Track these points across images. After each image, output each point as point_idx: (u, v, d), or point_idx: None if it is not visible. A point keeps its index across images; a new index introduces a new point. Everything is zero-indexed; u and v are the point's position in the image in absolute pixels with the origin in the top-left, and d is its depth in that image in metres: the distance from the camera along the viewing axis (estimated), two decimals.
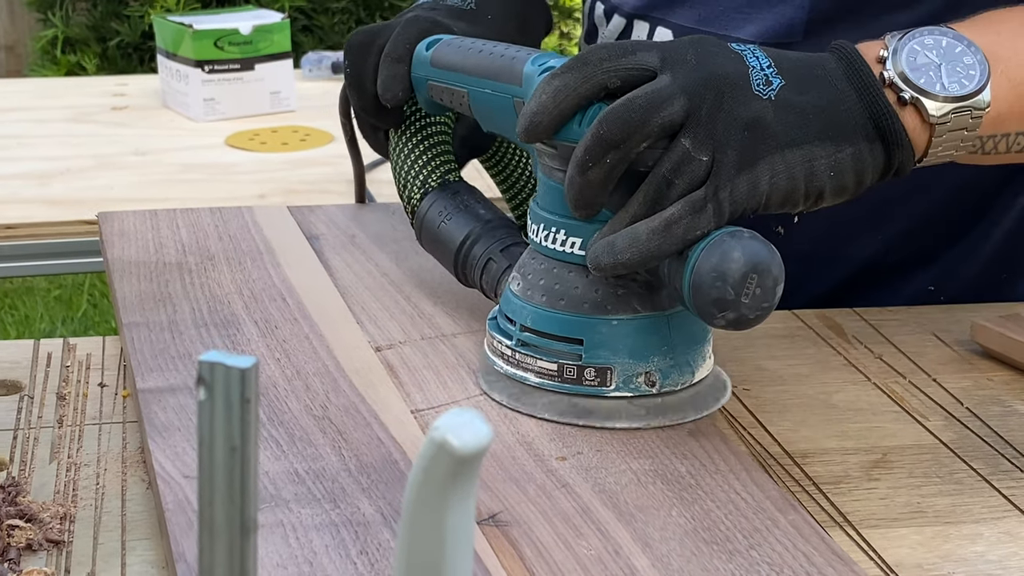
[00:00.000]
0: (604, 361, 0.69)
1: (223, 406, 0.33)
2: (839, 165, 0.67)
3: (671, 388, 0.70)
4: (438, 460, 0.32)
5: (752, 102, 0.66)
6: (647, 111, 0.65)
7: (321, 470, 0.64)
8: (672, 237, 0.65)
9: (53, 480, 0.67)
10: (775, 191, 0.66)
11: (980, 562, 0.62)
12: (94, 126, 1.72)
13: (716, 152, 0.65)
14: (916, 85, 0.68)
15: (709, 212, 0.65)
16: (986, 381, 0.81)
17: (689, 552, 0.58)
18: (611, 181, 0.66)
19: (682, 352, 0.70)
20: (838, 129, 0.67)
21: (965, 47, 0.69)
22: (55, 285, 3.20)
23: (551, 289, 0.70)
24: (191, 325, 0.79)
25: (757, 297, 0.64)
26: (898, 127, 0.67)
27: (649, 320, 0.69)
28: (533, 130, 0.67)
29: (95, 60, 3.44)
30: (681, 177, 0.65)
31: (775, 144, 0.66)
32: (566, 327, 0.70)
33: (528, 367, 0.71)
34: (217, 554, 0.34)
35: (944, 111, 0.68)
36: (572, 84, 0.66)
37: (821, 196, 0.68)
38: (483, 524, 0.60)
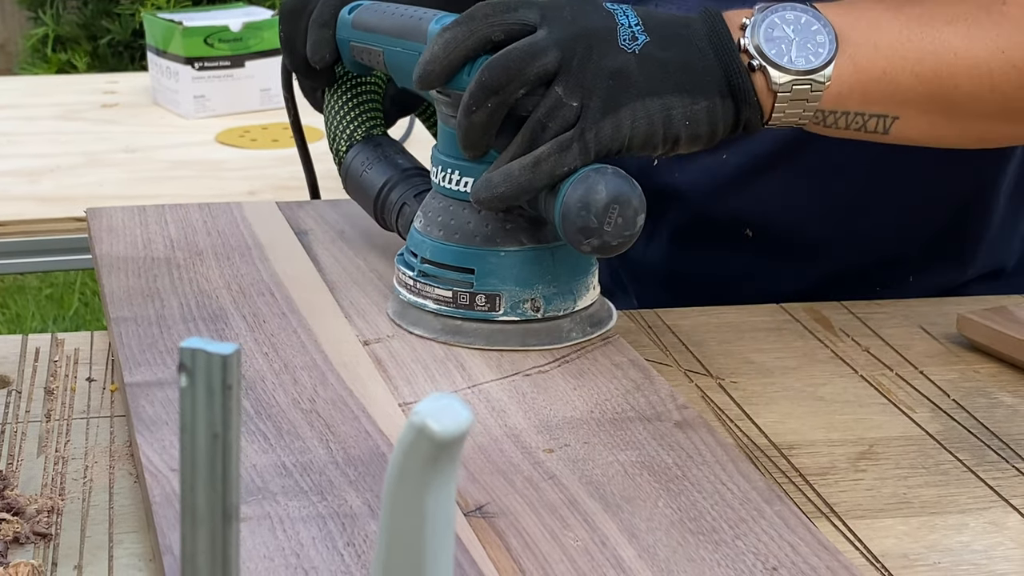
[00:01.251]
0: (493, 288, 0.76)
1: (205, 393, 0.33)
2: (694, 116, 0.73)
3: (555, 313, 0.77)
4: (418, 445, 0.32)
5: (618, 55, 0.72)
6: (524, 61, 0.71)
7: (308, 463, 0.64)
8: (540, 172, 0.71)
9: (41, 474, 0.67)
10: (636, 134, 0.72)
11: (966, 552, 0.62)
12: (84, 123, 1.72)
13: (584, 99, 0.71)
14: (766, 55, 0.74)
15: (575, 150, 0.71)
16: (972, 373, 0.81)
17: (675, 543, 0.58)
18: (494, 124, 0.73)
19: (565, 281, 0.77)
20: (695, 84, 0.73)
21: (821, 26, 0.75)
22: (46, 284, 3.20)
23: (447, 225, 0.78)
24: (179, 320, 0.79)
25: (619, 226, 0.71)
26: (747, 86, 0.73)
27: (534, 252, 0.76)
28: (426, 78, 0.74)
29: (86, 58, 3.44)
30: (554, 120, 0.72)
31: (637, 92, 0.72)
32: (460, 258, 0.77)
33: (427, 295, 0.78)
34: (199, 541, 0.35)
35: (785, 80, 0.74)
36: (460, 37, 0.73)
37: (677, 142, 0.73)
38: (470, 515, 0.60)
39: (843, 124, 0.77)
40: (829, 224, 0.96)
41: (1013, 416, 0.76)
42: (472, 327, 0.77)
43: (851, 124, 0.77)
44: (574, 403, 0.71)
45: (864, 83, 0.75)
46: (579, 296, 0.78)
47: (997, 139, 0.83)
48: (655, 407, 0.71)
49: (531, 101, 0.72)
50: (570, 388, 0.72)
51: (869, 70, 0.75)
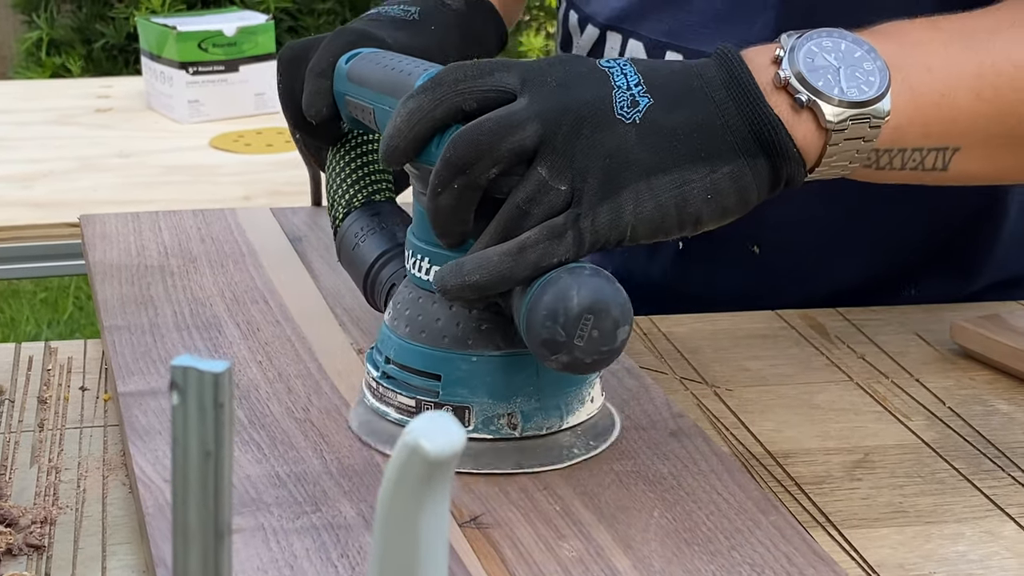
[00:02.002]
0: (462, 400, 0.65)
1: (196, 411, 0.33)
2: (716, 186, 0.63)
3: (535, 432, 0.65)
4: (411, 464, 0.32)
5: (614, 127, 0.62)
6: (496, 135, 0.61)
7: (302, 473, 0.64)
8: (524, 261, 0.61)
9: (34, 484, 0.66)
10: (641, 221, 0.62)
11: (962, 562, 0.62)
12: (78, 128, 1.72)
13: (575, 181, 0.61)
14: (813, 87, 0.64)
15: (568, 240, 0.61)
16: (968, 381, 0.81)
17: (671, 553, 0.58)
18: (464, 207, 0.63)
19: (550, 395, 0.65)
20: (713, 147, 0.62)
21: (865, 52, 0.66)
22: (40, 288, 3.19)
23: (414, 320, 0.66)
24: (173, 328, 0.79)
25: (594, 340, 0.59)
26: (783, 137, 0.63)
27: (514, 358, 0.65)
28: (390, 155, 0.64)
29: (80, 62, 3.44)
30: (538, 207, 0.61)
31: (640, 171, 0.62)
32: (425, 361, 0.65)
33: (389, 402, 0.67)
34: (191, 559, 0.34)
35: (842, 116, 0.64)
36: (426, 107, 0.63)
37: (699, 221, 0.63)
38: (464, 526, 0.60)
39: (899, 164, 0.67)
40: (835, 237, 0.95)
41: (1009, 424, 0.76)
42: None
43: (907, 163, 0.67)
44: None
45: (923, 110, 0.66)
46: (569, 412, 0.66)
47: None
48: (650, 415, 0.70)
49: (508, 182, 0.62)
50: None
51: (926, 95, 0.66)
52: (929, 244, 0.96)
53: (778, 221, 0.94)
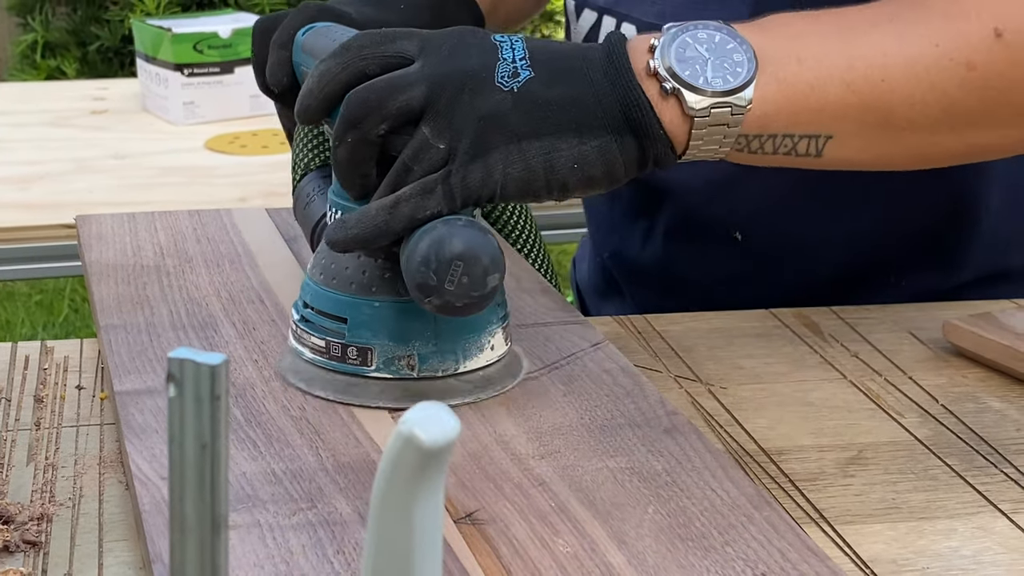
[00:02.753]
0: (365, 342, 0.70)
1: (193, 403, 0.33)
2: (584, 157, 0.67)
3: (431, 374, 0.71)
4: (406, 454, 0.32)
5: (493, 94, 0.67)
6: (385, 94, 0.67)
7: (298, 470, 0.64)
8: (398, 215, 0.66)
9: (30, 482, 0.66)
10: (509, 180, 0.67)
11: (954, 557, 0.63)
12: (73, 130, 1.72)
13: (452, 141, 0.67)
14: (680, 77, 0.68)
15: (438, 194, 0.66)
16: (961, 378, 0.82)
17: (664, 549, 0.59)
18: (360, 160, 0.68)
19: (447, 339, 0.70)
20: (585, 122, 0.67)
21: (737, 44, 0.69)
22: (36, 290, 3.19)
23: (327, 268, 0.72)
24: (169, 327, 0.79)
25: (464, 285, 0.64)
26: (649, 119, 0.67)
27: (414, 305, 0.68)
28: (303, 113, 0.70)
29: (75, 64, 3.44)
30: (419, 163, 0.67)
31: (511, 135, 0.67)
32: (334, 305, 0.71)
33: (305, 342, 0.73)
34: (188, 550, 0.35)
35: (704, 104, 0.68)
36: (334, 70, 0.69)
37: (566, 187, 0.68)
38: (459, 522, 0.60)
39: (770, 149, 0.71)
40: (813, 227, 0.96)
41: (1002, 421, 0.76)
42: (342, 380, 0.71)
43: (779, 148, 0.71)
44: (564, 410, 0.71)
45: (791, 100, 0.69)
46: (466, 357, 0.71)
47: (943, 155, 0.75)
48: (644, 413, 0.71)
49: (402, 141, 0.68)
50: (560, 395, 0.73)
51: (795, 85, 0.69)
52: (909, 237, 0.97)
53: (755, 209, 0.95)
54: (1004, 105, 0.71)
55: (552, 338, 0.79)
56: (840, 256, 0.97)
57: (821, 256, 0.97)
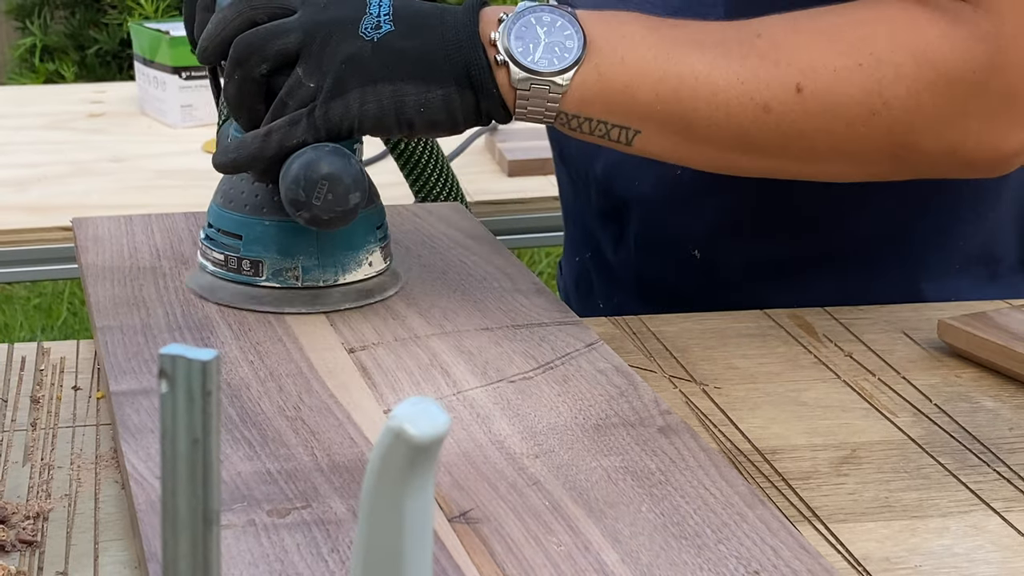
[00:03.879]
0: (256, 255, 0.82)
1: (185, 399, 0.33)
2: (429, 103, 0.78)
3: (313, 284, 0.82)
4: (395, 448, 0.32)
5: (355, 41, 0.77)
6: (266, 39, 0.77)
7: (293, 470, 0.64)
8: (270, 142, 0.77)
9: (26, 482, 0.67)
10: (365, 115, 0.77)
11: (947, 555, 0.63)
12: (71, 133, 1.72)
13: (319, 80, 0.77)
14: (511, 52, 0.77)
15: (304, 125, 0.77)
16: (954, 378, 0.82)
17: (658, 547, 0.59)
18: (247, 95, 0.78)
19: (328, 254, 0.82)
20: (432, 73, 0.77)
21: (573, 31, 0.78)
22: (34, 294, 3.20)
23: (227, 193, 0.83)
24: (164, 328, 0.79)
25: (329, 201, 0.75)
26: (486, 79, 0.77)
27: (300, 225, 0.79)
28: (202, 54, 0.81)
29: (73, 68, 3.44)
30: (293, 99, 0.78)
31: (367, 78, 0.77)
32: (231, 224, 0.83)
33: (208, 257, 0.84)
34: (181, 545, 0.35)
35: (523, 78, 0.77)
36: (229, 17, 0.79)
37: (412, 126, 0.78)
38: (454, 521, 0.60)
39: (587, 129, 0.79)
40: (769, 250, 0.97)
41: (994, 420, 0.76)
42: (237, 289, 0.82)
43: (595, 131, 0.79)
44: (558, 409, 0.71)
45: (606, 93, 0.78)
46: (345, 270, 0.82)
47: (738, 168, 0.83)
48: (639, 413, 0.71)
49: (280, 81, 0.78)
50: (554, 394, 0.73)
51: (612, 81, 0.78)
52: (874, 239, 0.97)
53: (711, 230, 0.97)
54: (795, 147, 0.79)
55: (547, 338, 0.80)
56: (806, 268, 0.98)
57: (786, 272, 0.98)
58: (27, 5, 3.62)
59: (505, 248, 0.94)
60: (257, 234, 0.82)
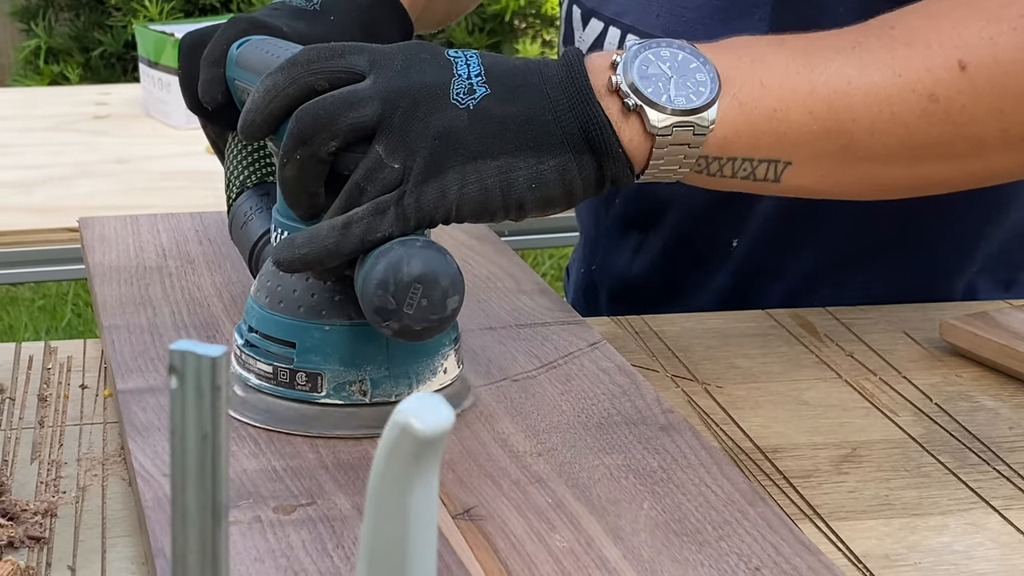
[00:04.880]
0: (315, 367, 0.68)
1: (194, 394, 0.34)
2: (541, 177, 0.66)
3: (384, 399, 0.69)
4: (401, 443, 0.33)
5: (447, 111, 0.66)
6: (336, 109, 0.65)
7: (299, 467, 0.65)
8: (350, 236, 0.65)
9: (35, 479, 0.67)
10: (465, 200, 0.66)
11: (946, 552, 0.63)
12: (76, 134, 1.73)
13: (407, 160, 0.65)
14: (643, 94, 0.67)
15: (391, 215, 0.65)
16: (955, 378, 0.83)
17: (660, 543, 0.59)
18: (308, 178, 0.66)
19: (400, 363, 0.69)
20: (542, 140, 0.66)
21: (700, 64, 0.68)
22: (39, 295, 3.20)
23: (274, 291, 0.70)
24: (171, 327, 0.80)
25: (423, 308, 0.63)
26: (609, 138, 0.67)
27: (365, 328, 0.67)
28: (248, 128, 0.68)
29: (78, 70, 3.45)
30: (373, 183, 0.65)
31: (467, 154, 0.65)
32: (281, 329, 0.69)
33: (250, 368, 0.70)
34: (190, 539, 0.35)
35: (666, 123, 0.67)
36: (281, 84, 0.67)
37: (522, 207, 0.67)
38: (457, 518, 0.61)
39: (729, 172, 0.70)
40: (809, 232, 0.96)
41: (994, 419, 0.77)
42: (290, 408, 0.69)
43: (738, 172, 0.70)
44: (561, 408, 0.72)
45: (753, 123, 0.69)
46: (419, 381, 0.69)
47: (897, 187, 0.76)
48: (640, 411, 0.71)
49: (354, 159, 0.66)
50: (557, 393, 0.73)
51: (757, 109, 0.69)
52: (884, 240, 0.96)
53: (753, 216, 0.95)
54: (962, 138, 0.72)
55: (550, 338, 0.80)
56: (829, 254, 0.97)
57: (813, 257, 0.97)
58: (32, 7, 3.63)
59: (509, 249, 0.95)
60: (315, 341, 0.68)
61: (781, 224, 0.96)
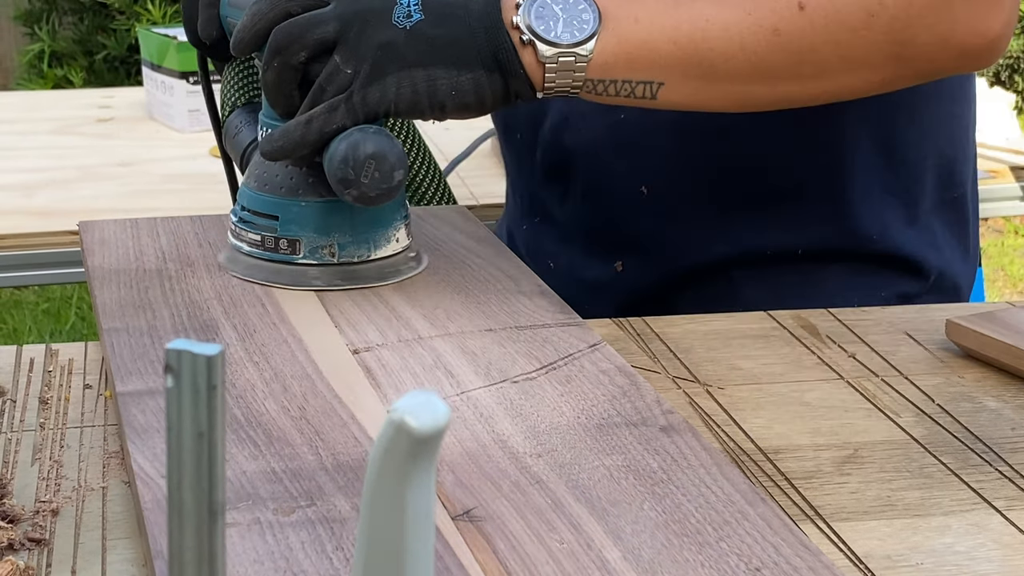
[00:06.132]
0: (294, 234, 0.87)
1: (190, 393, 0.34)
2: (459, 86, 0.83)
3: (348, 260, 0.87)
4: (397, 441, 0.33)
5: (389, 29, 0.83)
6: (305, 28, 0.83)
7: (298, 469, 0.65)
8: (312, 129, 0.82)
9: (35, 481, 0.67)
10: (400, 99, 0.82)
11: (948, 553, 0.63)
12: (79, 138, 1.73)
13: (356, 66, 0.82)
14: (535, 30, 0.83)
15: (343, 111, 0.82)
16: (957, 379, 0.82)
17: (660, 544, 0.59)
18: (284, 82, 0.83)
19: (362, 232, 0.87)
20: (462, 58, 0.83)
21: (587, 5, 0.84)
22: (43, 298, 3.21)
23: (260, 177, 0.88)
24: (171, 330, 0.80)
25: (376, 179, 0.80)
26: (513, 61, 0.83)
27: (334, 203, 0.86)
28: (238, 46, 0.85)
29: (82, 73, 3.45)
30: (331, 85, 0.83)
31: (403, 63, 0.82)
32: (267, 206, 0.87)
33: (243, 238, 0.89)
34: (186, 537, 0.35)
35: (552, 52, 0.83)
36: (264, 10, 0.84)
37: (444, 108, 0.83)
38: (457, 519, 0.61)
39: (613, 91, 0.85)
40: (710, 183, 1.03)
41: (997, 420, 0.77)
42: (275, 267, 0.87)
43: (620, 91, 0.85)
44: (561, 409, 0.72)
45: (628, 52, 0.84)
46: (376, 246, 0.88)
47: (757, 102, 0.89)
48: (641, 412, 0.71)
49: (318, 68, 0.83)
50: (557, 394, 0.73)
51: (632, 40, 0.84)
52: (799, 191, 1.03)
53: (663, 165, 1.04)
54: (806, 63, 0.85)
55: (550, 339, 0.80)
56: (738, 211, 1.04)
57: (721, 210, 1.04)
58: (35, 11, 3.63)
59: (509, 250, 0.95)
60: (294, 215, 0.86)
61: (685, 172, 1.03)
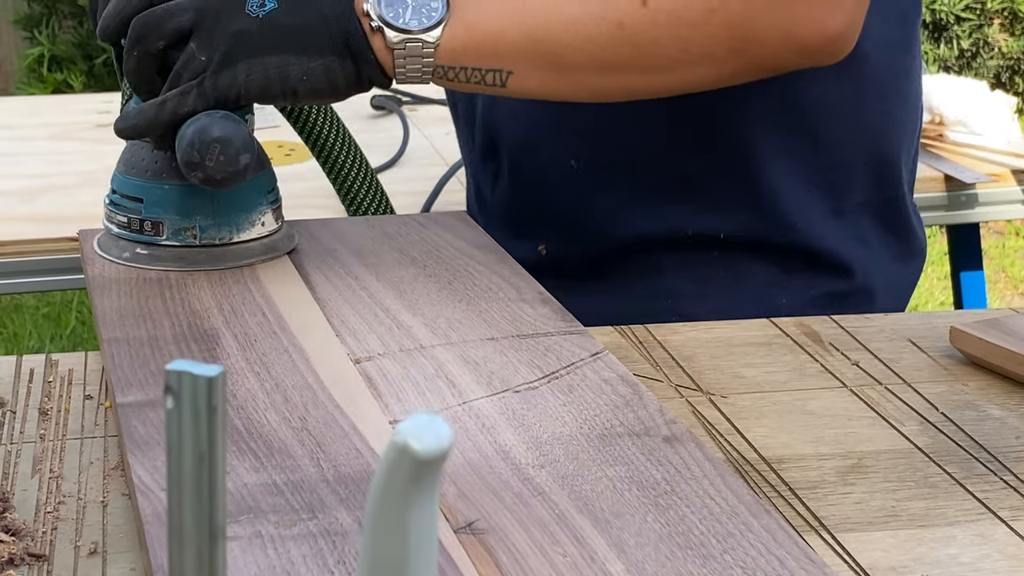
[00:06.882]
0: (157, 216, 0.89)
1: (191, 414, 0.34)
2: (310, 72, 0.86)
3: (210, 242, 0.89)
4: (400, 464, 0.32)
5: (242, 19, 0.86)
6: (162, 18, 0.86)
7: (299, 481, 0.64)
8: (165, 110, 0.86)
9: (35, 494, 0.67)
10: (252, 85, 0.86)
11: (953, 564, 0.63)
12: (78, 143, 1.73)
13: (210, 54, 0.86)
14: (384, 18, 0.86)
15: (194, 94, 0.86)
16: (961, 387, 0.82)
17: (663, 557, 0.59)
18: (144, 69, 0.87)
19: (224, 215, 0.89)
20: (314, 45, 0.86)
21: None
22: (43, 303, 3.20)
23: (128, 160, 0.91)
24: (171, 340, 0.80)
25: (221, 162, 0.83)
26: (364, 48, 0.86)
27: (195, 187, 0.88)
28: (104, 32, 0.89)
29: (82, 78, 3.45)
30: (187, 71, 0.86)
31: (254, 50, 0.86)
32: (133, 189, 0.90)
33: (113, 220, 0.91)
34: (187, 559, 0.35)
35: (399, 39, 0.86)
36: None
37: (296, 94, 0.87)
38: (460, 532, 0.61)
39: (463, 78, 0.89)
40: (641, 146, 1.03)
41: (1001, 429, 0.76)
42: (141, 249, 0.89)
43: (471, 78, 0.89)
44: (563, 419, 0.71)
45: (476, 41, 0.87)
46: (240, 230, 0.90)
47: (606, 92, 0.92)
48: (644, 422, 0.71)
49: (175, 55, 0.86)
50: (559, 404, 0.73)
51: (478, 29, 0.87)
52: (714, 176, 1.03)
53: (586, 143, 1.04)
54: (649, 56, 0.88)
55: (552, 348, 0.80)
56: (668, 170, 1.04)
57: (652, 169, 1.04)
58: (35, 15, 3.63)
59: (510, 258, 0.95)
60: (157, 198, 0.89)
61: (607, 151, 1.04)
